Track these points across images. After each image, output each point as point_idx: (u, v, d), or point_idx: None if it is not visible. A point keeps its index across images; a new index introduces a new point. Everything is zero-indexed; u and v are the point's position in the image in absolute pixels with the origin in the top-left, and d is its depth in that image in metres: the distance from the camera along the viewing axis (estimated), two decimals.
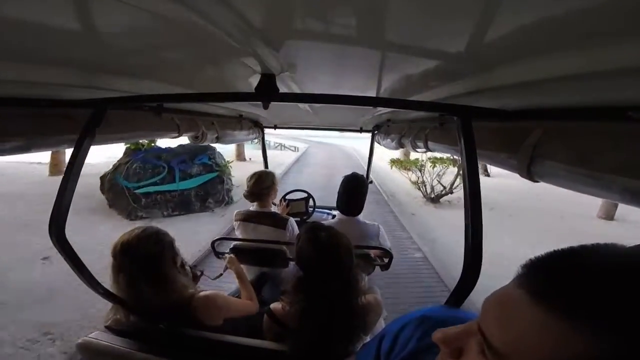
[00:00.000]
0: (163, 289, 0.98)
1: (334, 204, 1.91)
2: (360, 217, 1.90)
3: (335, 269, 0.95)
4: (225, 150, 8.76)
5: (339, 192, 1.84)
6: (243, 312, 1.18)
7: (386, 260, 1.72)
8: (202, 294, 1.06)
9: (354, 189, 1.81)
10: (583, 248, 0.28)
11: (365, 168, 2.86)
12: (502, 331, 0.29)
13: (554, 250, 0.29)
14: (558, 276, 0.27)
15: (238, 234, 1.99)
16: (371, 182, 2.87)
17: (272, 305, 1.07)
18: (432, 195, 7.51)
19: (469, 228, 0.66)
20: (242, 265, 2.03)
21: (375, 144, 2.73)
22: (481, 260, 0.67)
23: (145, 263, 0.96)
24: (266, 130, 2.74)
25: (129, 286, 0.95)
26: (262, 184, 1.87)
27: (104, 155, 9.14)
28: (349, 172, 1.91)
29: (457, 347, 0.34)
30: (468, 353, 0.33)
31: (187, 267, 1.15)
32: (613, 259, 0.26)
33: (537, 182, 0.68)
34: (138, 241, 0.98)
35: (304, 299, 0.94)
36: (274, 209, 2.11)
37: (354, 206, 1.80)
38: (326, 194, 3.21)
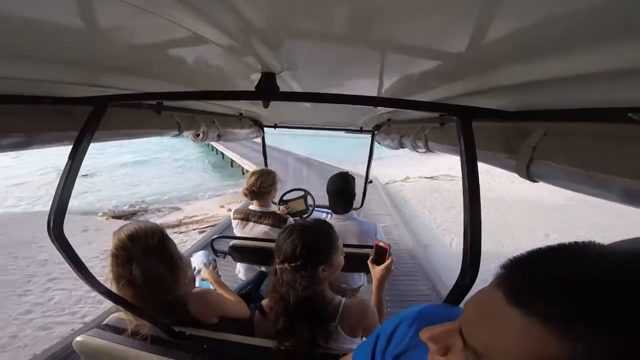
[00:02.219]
0: (177, 275, 0.99)
1: None
2: (356, 215, 1.92)
3: (293, 253, 0.95)
4: None
5: (328, 195, 1.87)
6: (235, 312, 1.14)
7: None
8: (195, 290, 1.06)
9: (341, 187, 1.84)
10: (562, 249, 0.28)
11: None
12: (480, 332, 0.29)
13: (534, 250, 0.29)
14: (535, 281, 0.27)
15: (236, 231, 1.99)
16: (371, 181, 2.90)
17: (263, 301, 1.08)
18: None
19: (467, 227, 0.66)
20: (241, 264, 2.05)
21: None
22: (479, 260, 0.67)
23: (160, 248, 0.98)
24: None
25: (144, 278, 0.94)
26: (263, 183, 1.86)
27: None
28: None
29: (444, 345, 0.34)
30: (452, 351, 0.33)
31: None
32: (592, 262, 0.26)
33: (537, 182, 0.68)
34: (144, 231, 0.99)
35: (276, 291, 0.96)
36: (273, 207, 2.11)
37: (342, 203, 1.83)
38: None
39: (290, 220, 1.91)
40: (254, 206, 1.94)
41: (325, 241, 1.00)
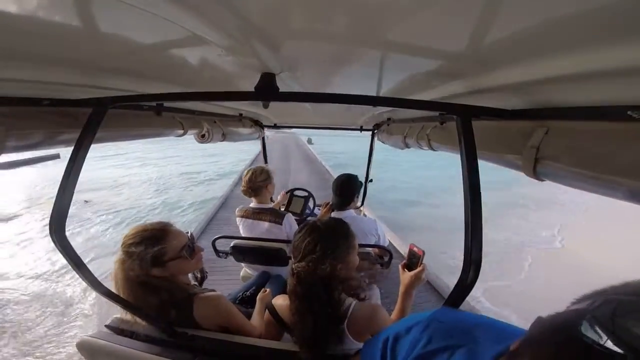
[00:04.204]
0: (164, 280, 0.99)
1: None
2: (355, 213, 1.95)
3: (312, 252, 0.94)
4: None
5: (333, 192, 1.92)
6: (242, 329, 1.08)
7: (386, 258, 1.72)
8: (204, 294, 1.03)
9: (341, 185, 1.90)
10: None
11: None
12: None
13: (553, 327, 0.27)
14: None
15: (240, 230, 2.03)
16: (371, 180, 2.90)
17: (274, 300, 1.06)
18: None
19: (468, 228, 0.66)
20: (243, 265, 2.06)
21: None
22: (481, 261, 0.67)
23: (152, 250, 0.97)
24: None
25: (137, 277, 0.95)
26: (257, 178, 1.92)
27: None
28: None
29: None
30: None
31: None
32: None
33: (543, 181, 0.68)
34: (145, 231, 1.00)
35: (296, 291, 0.95)
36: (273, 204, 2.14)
37: (341, 200, 1.89)
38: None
39: (289, 216, 1.94)
40: (253, 203, 2.00)
41: (342, 240, 0.99)
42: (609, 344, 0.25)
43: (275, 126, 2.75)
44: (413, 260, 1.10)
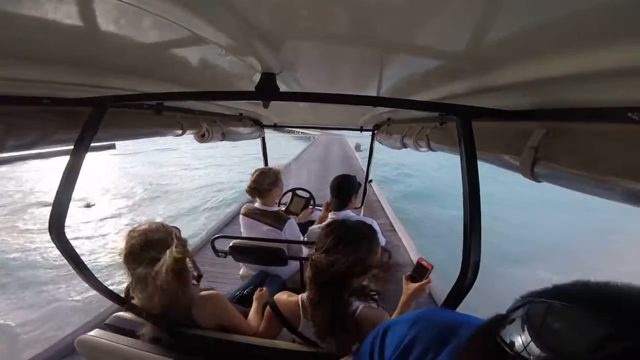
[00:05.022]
0: (177, 281, 0.96)
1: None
2: (352, 213, 1.93)
3: (335, 247, 0.93)
4: None
5: (330, 192, 1.90)
6: (239, 327, 1.08)
7: (385, 258, 1.72)
8: (203, 293, 1.03)
9: (338, 185, 1.88)
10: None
11: None
12: None
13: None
14: None
15: (242, 228, 2.01)
16: (371, 181, 2.89)
17: (276, 296, 1.06)
18: None
19: (467, 229, 0.66)
20: (241, 264, 2.06)
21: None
22: (479, 263, 0.67)
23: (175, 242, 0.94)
24: None
25: (145, 279, 0.93)
26: (264, 180, 1.85)
27: None
28: None
29: None
30: None
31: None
32: None
33: (540, 182, 0.68)
34: (152, 232, 0.97)
35: (316, 279, 0.94)
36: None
37: (338, 200, 1.87)
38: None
39: (291, 222, 1.91)
40: (257, 204, 1.94)
41: (366, 246, 0.98)
42: (521, 347, 0.26)
43: (275, 126, 2.75)
44: (419, 273, 1.11)
